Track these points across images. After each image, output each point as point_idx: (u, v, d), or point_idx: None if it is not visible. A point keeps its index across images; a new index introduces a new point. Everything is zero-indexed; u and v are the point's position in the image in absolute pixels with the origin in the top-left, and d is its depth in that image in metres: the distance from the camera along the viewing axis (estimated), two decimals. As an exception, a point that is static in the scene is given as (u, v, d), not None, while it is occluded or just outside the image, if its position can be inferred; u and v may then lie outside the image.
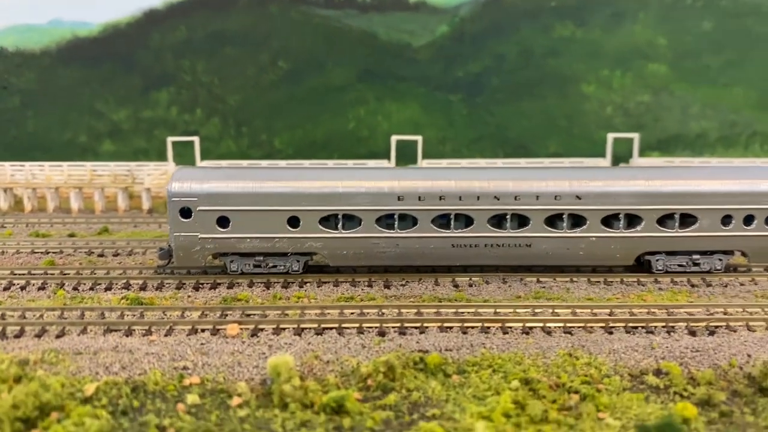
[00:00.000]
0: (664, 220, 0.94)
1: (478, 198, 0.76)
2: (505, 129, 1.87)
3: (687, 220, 0.91)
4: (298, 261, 0.86)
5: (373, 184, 0.84)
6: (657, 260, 0.94)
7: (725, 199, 0.91)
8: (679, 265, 0.94)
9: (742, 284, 0.97)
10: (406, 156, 1.65)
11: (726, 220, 0.90)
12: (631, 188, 0.91)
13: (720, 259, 0.96)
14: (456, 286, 0.93)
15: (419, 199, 0.81)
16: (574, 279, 0.97)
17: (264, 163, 1.69)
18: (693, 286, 0.94)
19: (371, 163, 1.46)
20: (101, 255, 1.67)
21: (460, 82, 1.79)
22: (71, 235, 1.95)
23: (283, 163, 1.65)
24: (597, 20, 1.84)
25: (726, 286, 0.95)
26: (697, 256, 0.96)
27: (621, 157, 1.68)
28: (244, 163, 1.73)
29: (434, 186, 0.79)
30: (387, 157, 1.61)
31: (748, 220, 0.92)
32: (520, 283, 0.94)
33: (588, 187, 0.88)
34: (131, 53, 1.98)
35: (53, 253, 1.69)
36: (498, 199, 0.78)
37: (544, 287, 0.93)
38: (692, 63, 1.86)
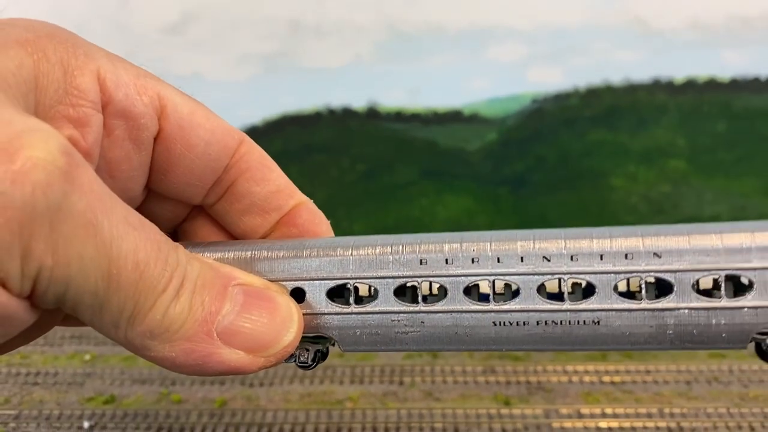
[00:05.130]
0: None
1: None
2: (545, 215, 2.18)
3: None
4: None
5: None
6: None
7: None
8: None
9: None
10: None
11: None
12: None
13: None
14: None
15: None
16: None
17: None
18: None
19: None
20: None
21: (506, 179, 2.11)
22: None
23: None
24: (625, 125, 2.14)
25: None
26: None
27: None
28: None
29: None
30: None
31: None
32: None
33: None
34: (239, 160, 2.38)
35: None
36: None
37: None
38: (708, 158, 2.13)
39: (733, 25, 2.41)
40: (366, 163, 2.25)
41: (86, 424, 0.97)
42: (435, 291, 0.48)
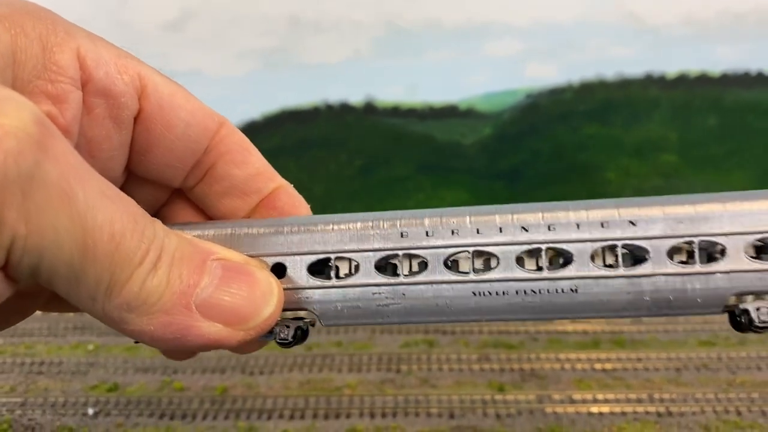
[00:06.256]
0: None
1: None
2: (540, 209, 2.18)
3: None
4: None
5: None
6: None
7: None
8: None
9: None
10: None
11: None
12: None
13: None
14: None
15: None
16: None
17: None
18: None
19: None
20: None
21: (502, 172, 2.13)
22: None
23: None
24: (618, 120, 2.16)
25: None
26: None
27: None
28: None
29: None
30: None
31: None
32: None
33: None
34: (238, 155, 2.39)
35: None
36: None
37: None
38: (699, 152, 2.15)
39: (725, 20, 2.42)
40: (363, 158, 2.26)
41: (91, 411, 0.99)
42: (415, 267, 0.48)
